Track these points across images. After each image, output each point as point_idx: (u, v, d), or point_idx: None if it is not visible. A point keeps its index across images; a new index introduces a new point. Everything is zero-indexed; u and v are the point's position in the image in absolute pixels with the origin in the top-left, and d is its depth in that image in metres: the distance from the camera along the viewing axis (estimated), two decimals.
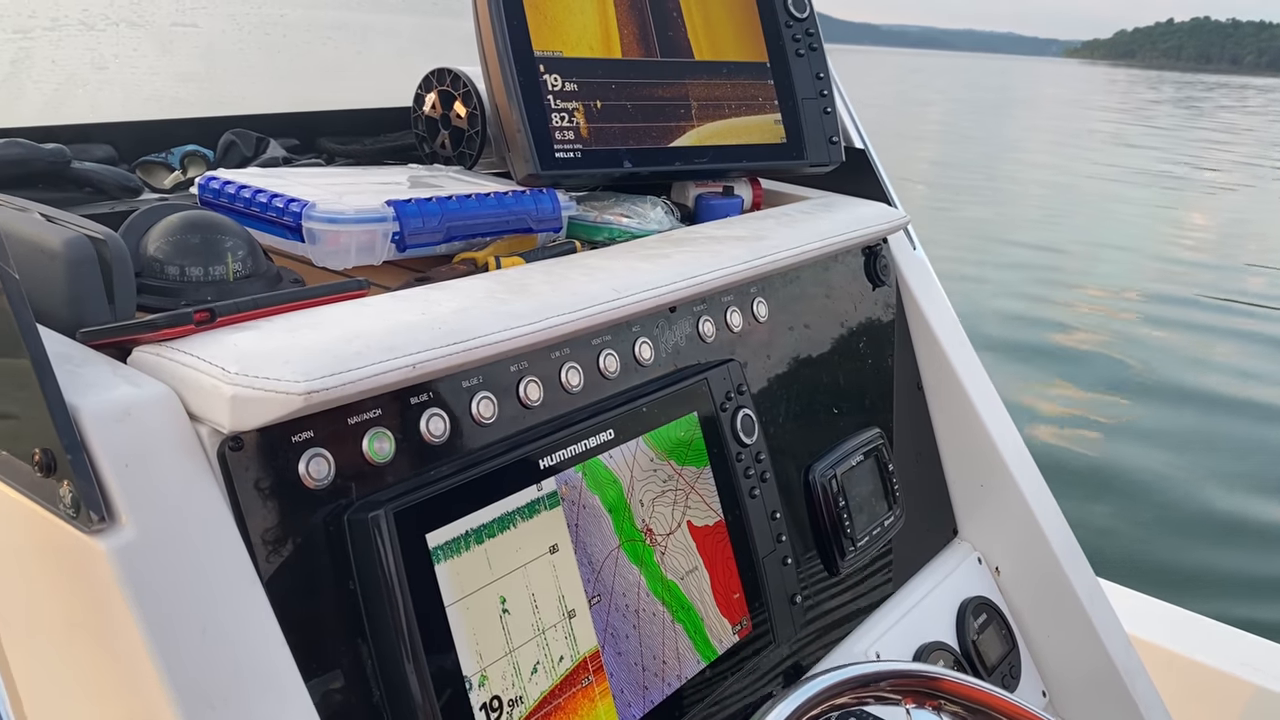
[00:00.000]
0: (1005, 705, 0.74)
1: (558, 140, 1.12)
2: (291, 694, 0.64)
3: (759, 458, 1.02)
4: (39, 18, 1.14)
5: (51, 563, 0.63)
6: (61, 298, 0.73)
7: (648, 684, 0.86)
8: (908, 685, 0.74)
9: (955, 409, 1.37)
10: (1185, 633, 1.80)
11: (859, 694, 0.72)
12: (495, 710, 0.74)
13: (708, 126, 1.23)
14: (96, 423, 0.62)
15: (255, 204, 0.97)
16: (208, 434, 0.66)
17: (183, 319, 0.69)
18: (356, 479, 0.72)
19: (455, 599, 0.73)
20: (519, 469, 0.80)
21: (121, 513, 0.61)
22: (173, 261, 0.85)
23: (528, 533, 0.79)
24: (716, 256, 1.01)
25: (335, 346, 0.69)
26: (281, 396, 0.65)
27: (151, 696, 0.59)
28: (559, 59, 1.14)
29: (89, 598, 0.61)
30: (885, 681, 0.72)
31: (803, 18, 1.34)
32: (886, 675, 0.73)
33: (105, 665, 0.61)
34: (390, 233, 0.95)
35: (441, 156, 1.28)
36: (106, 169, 1.06)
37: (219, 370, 0.65)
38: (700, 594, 0.93)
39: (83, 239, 0.73)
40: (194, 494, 0.64)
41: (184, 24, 1.25)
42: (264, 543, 0.67)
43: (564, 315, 0.83)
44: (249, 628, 0.63)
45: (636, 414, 0.90)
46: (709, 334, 1.03)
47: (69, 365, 0.66)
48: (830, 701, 0.70)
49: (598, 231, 1.14)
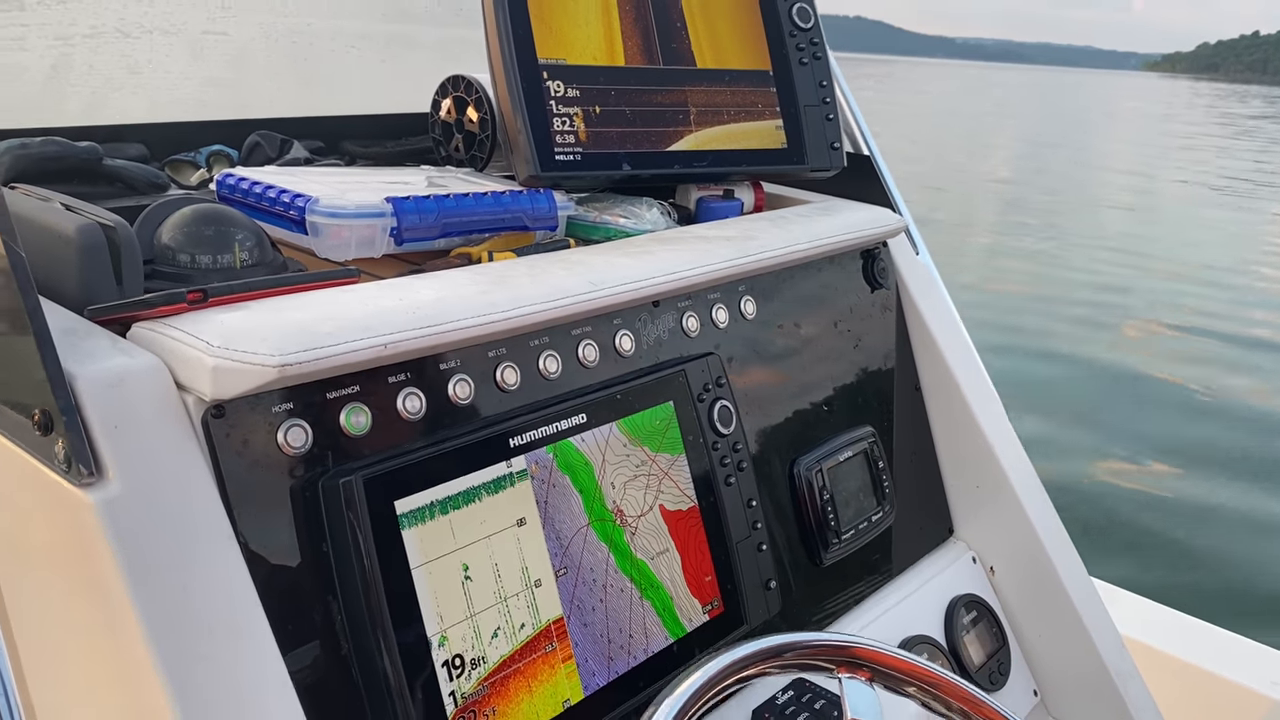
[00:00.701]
0: (921, 671, 0.78)
1: (558, 144, 1.17)
2: (261, 642, 0.70)
3: (736, 447, 1.06)
4: (79, 25, 1.23)
5: (46, 512, 0.69)
6: (73, 279, 0.80)
7: (613, 655, 0.91)
8: (823, 656, 0.77)
9: (952, 411, 1.40)
10: (1183, 637, 1.79)
11: (768, 665, 0.75)
12: (457, 669, 0.80)
13: (707, 131, 1.28)
14: (90, 388, 0.68)
15: (265, 199, 1.04)
16: (193, 402, 0.73)
17: (176, 298, 0.76)
18: (333, 449, 0.78)
19: (420, 563, 0.79)
20: (489, 446, 0.85)
21: (109, 469, 0.67)
22: (184, 250, 0.92)
23: (495, 505, 0.84)
24: (699, 254, 1.06)
25: (312, 325, 0.75)
26: (257, 369, 0.71)
27: (131, 637, 0.66)
28: (562, 66, 1.19)
29: (78, 545, 0.67)
30: (791, 653, 0.76)
31: (807, 27, 1.38)
32: (792, 646, 0.76)
33: (91, 608, 0.67)
34: (388, 227, 1.02)
35: (455, 159, 1.35)
36: (136, 166, 1.14)
37: (204, 344, 0.72)
38: (670, 574, 0.97)
39: (94, 226, 0.81)
40: (178, 455, 0.71)
41: (215, 32, 1.34)
42: (242, 503, 0.73)
43: (536, 305, 0.88)
44: (223, 580, 0.69)
45: (610, 400, 0.95)
46: (693, 329, 1.08)
47: (73, 338, 0.74)
48: (739, 674, 0.74)
49: (595, 231, 1.20)
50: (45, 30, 1.20)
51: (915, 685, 0.78)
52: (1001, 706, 0.78)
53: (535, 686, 0.84)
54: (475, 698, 0.80)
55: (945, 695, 0.78)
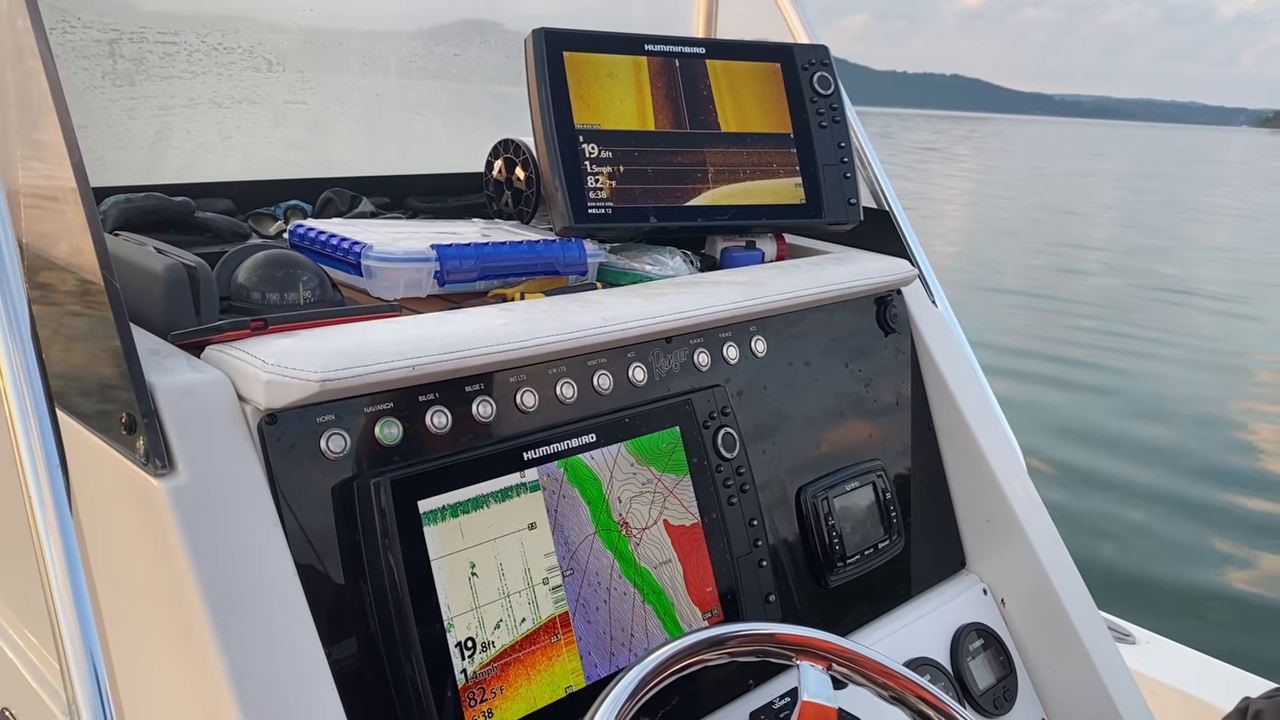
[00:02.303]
0: (861, 658, 0.88)
1: (591, 199, 1.31)
2: (298, 611, 0.83)
3: (739, 470, 1.17)
4: (179, 97, 1.42)
5: (127, 496, 0.84)
6: (159, 309, 0.95)
7: (614, 651, 1.02)
8: (767, 645, 0.88)
9: (965, 451, 1.48)
10: (1191, 672, 1.81)
11: (711, 654, 0.87)
12: (470, 650, 0.91)
13: (730, 187, 1.40)
14: (167, 396, 0.83)
15: (329, 246, 1.19)
16: (251, 411, 0.87)
17: (242, 325, 0.91)
18: (367, 455, 0.91)
19: (440, 555, 0.91)
20: (504, 457, 0.98)
21: (179, 463, 0.82)
22: (256, 288, 1.07)
23: (509, 510, 0.97)
24: (708, 296, 1.18)
25: (352, 349, 0.89)
26: (302, 383, 0.85)
27: (188, 600, 0.79)
28: (597, 131, 1.33)
29: (151, 523, 0.82)
30: (733, 641, 0.87)
31: (827, 94, 1.50)
32: (731, 636, 0.87)
33: (159, 572, 0.81)
34: (432, 270, 1.16)
35: (505, 213, 1.49)
36: (223, 218, 1.31)
37: (260, 362, 0.86)
38: (673, 582, 1.08)
39: (178, 265, 0.96)
40: (236, 454, 0.85)
41: (295, 101, 1.52)
42: (288, 496, 0.86)
43: (551, 336, 1.01)
44: (267, 557, 0.83)
45: (619, 422, 1.07)
46: (704, 364, 1.19)
47: (156, 356, 0.89)
48: (684, 662, 0.85)
49: (623, 276, 1.33)
50: (150, 102, 1.40)
51: (844, 664, 0.88)
52: (934, 688, 0.87)
53: (540, 671, 0.96)
54: (484, 676, 0.92)
55: (865, 670, 0.88)
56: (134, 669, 0.85)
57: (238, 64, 1.47)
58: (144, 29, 1.37)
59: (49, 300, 0.91)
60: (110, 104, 1.35)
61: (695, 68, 1.42)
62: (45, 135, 0.87)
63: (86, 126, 0.85)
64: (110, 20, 1.34)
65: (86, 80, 1.34)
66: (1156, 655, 1.90)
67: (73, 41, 1.31)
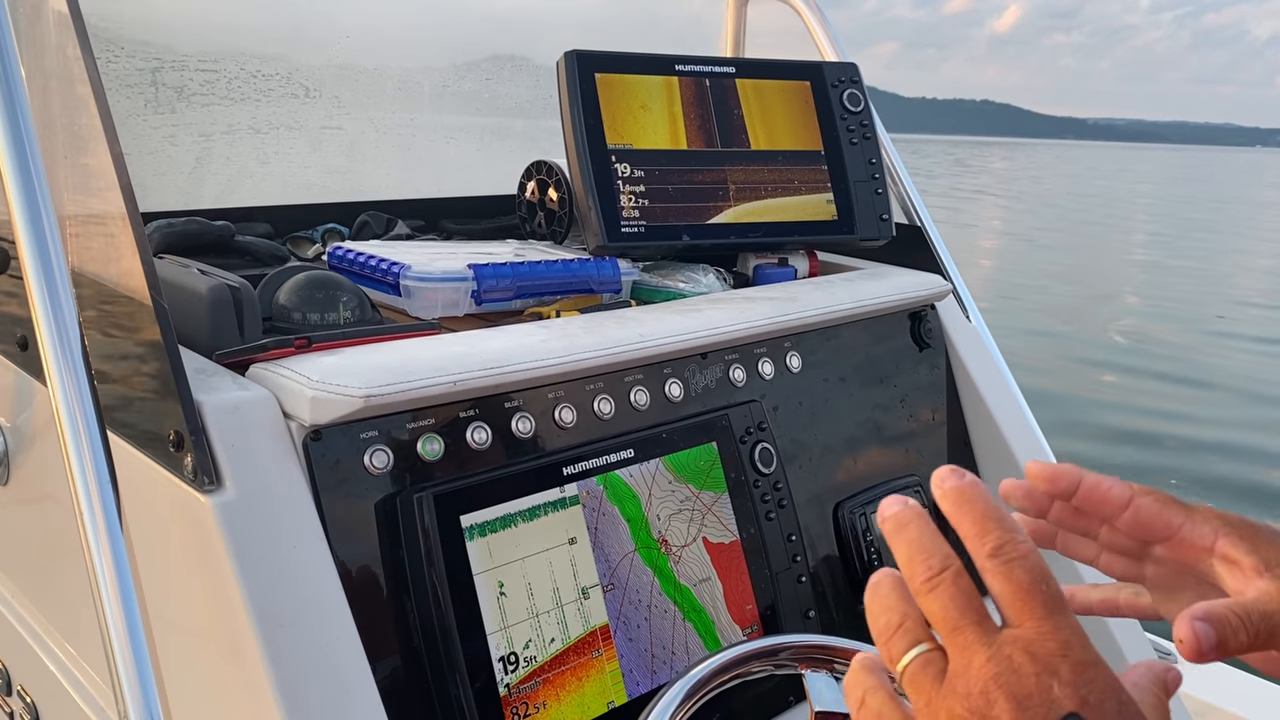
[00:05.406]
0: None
1: (624, 218, 1.32)
2: (343, 625, 0.83)
3: (776, 486, 1.17)
4: (218, 124, 1.45)
5: (175, 512, 0.85)
6: (204, 328, 0.97)
7: (655, 667, 1.02)
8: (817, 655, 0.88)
9: (1000, 465, 1.47)
10: (1241, 694, 1.78)
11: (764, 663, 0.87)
12: (512, 664, 0.92)
13: (761, 204, 1.41)
14: (214, 414, 0.84)
15: (368, 267, 1.21)
16: (296, 427, 0.88)
17: (285, 343, 0.92)
18: (410, 470, 0.92)
19: (482, 570, 0.92)
20: (544, 473, 0.98)
21: (227, 479, 0.83)
22: (298, 309, 1.09)
23: (549, 525, 0.97)
24: (742, 312, 1.18)
25: (394, 366, 0.90)
26: (347, 399, 0.86)
27: (237, 615, 0.80)
28: (629, 150, 1.35)
29: (199, 538, 0.83)
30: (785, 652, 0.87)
31: (857, 111, 1.51)
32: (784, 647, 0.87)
33: (206, 586, 0.82)
34: (470, 290, 1.17)
35: (538, 234, 1.51)
36: (262, 241, 1.33)
37: (305, 379, 0.87)
38: (713, 600, 1.08)
39: (222, 286, 0.98)
40: (282, 470, 0.86)
41: (331, 127, 1.55)
42: (332, 511, 0.87)
43: (588, 353, 1.02)
44: (314, 572, 0.84)
45: (656, 438, 1.08)
46: (739, 379, 1.20)
47: (202, 375, 0.90)
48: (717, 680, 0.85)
49: (657, 294, 1.33)
50: (191, 129, 1.43)
51: None
52: None
53: (581, 686, 0.96)
54: (527, 691, 0.92)
55: None
56: (183, 684, 0.86)
57: (276, 90, 1.50)
58: (185, 57, 1.40)
59: (97, 321, 0.93)
60: (152, 131, 1.38)
61: (725, 87, 1.43)
62: (94, 160, 0.89)
63: (129, 153, 0.86)
64: (153, 49, 1.37)
65: (129, 108, 1.37)
66: (1199, 675, 1.87)
67: (116, 70, 1.34)
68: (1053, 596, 0.49)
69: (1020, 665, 0.47)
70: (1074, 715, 0.45)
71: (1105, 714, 0.45)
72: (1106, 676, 0.47)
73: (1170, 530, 0.68)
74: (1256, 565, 0.64)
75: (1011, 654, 0.47)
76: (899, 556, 0.53)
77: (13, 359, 1.11)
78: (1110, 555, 0.72)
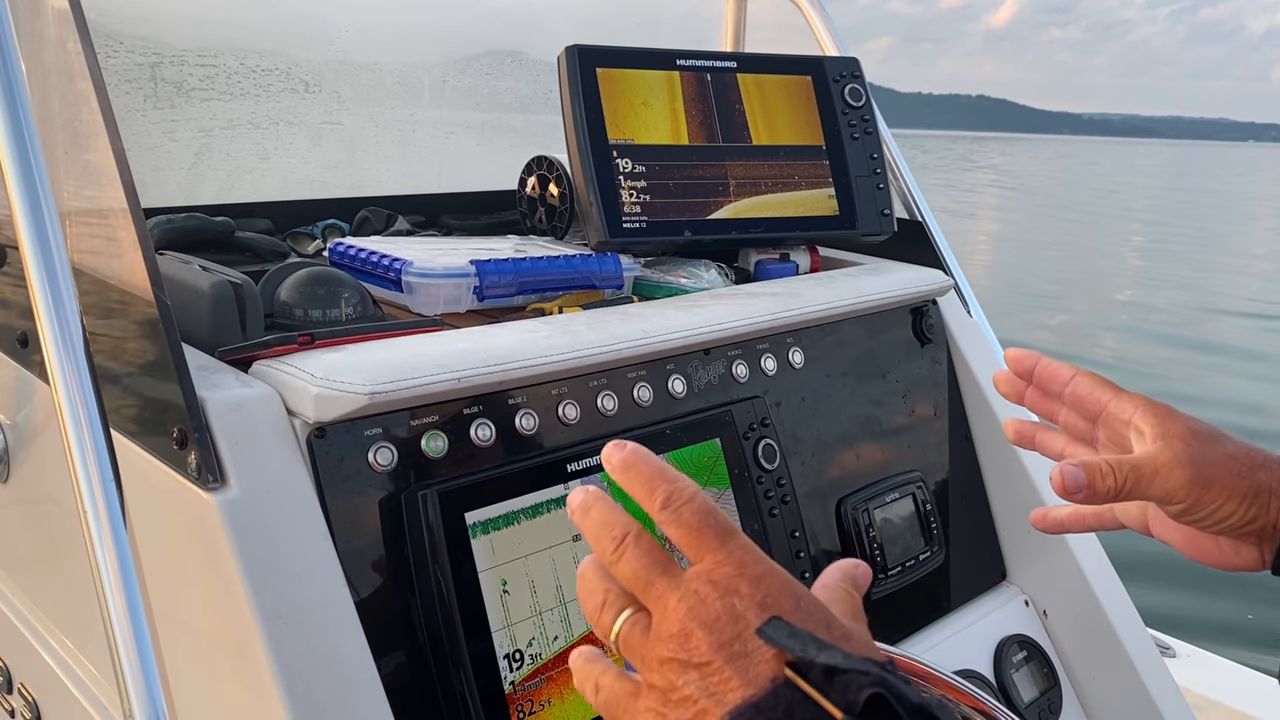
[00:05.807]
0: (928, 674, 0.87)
1: (625, 213, 1.31)
2: (348, 623, 0.83)
3: (780, 482, 1.17)
4: (218, 119, 1.44)
5: (181, 511, 0.85)
6: (206, 325, 0.96)
7: None
8: None
9: (1002, 460, 1.47)
10: (1239, 688, 1.79)
11: None
12: (517, 660, 0.91)
13: (762, 200, 1.40)
14: (218, 411, 0.84)
15: (369, 263, 1.20)
16: (300, 425, 0.87)
17: (288, 340, 0.92)
18: (414, 467, 0.92)
19: (486, 567, 0.91)
20: (547, 470, 0.98)
21: (231, 476, 0.82)
22: (299, 305, 1.08)
23: (553, 522, 0.97)
24: (745, 308, 1.18)
25: (398, 362, 0.90)
26: (351, 396, 0.85)
27: (241, 613, 0.80)
28: (630, 145, 1.34)
29: (203, 536, 0.82)
30: None
31: (858, 105, 1.50)
32: None
33: (211, 587, 0.82)
34: (472, 286, 1.17)
35: (539, 230, 1.50)
36: (263, 237, 1.33)
37: (309, 376, 0.87)
38: None
39: (224, 282, 0.97)
40: (286, 468, 0.85)
41: (331, 122, 1.54)
42: (337, 508, 0.87)
43: (592, 349, 1.01)
44: (318, 569, 0.83)
45: (660, 434, 1.07)
46: (742, 375, 1.19)
47: (205, 372, 0.89)
48: None
49: (658, 290, 1.33)
50: (190, 124, 1.42)
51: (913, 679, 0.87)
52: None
53: None
54: (532, 688, 0.92)
55: None
56: (187, 682, 0.86)
57: (275, 86, 1.49)
58: (184, 52, 1.39)
59: (98, 318, 0.92)
60: (151, 126, 1.37)
61: (726, 81, 1.43)
62: (95, 156, 0.89)
63: (129, 149, 0.86)
64: (152, 44, 1.37)
65: (128, 103, 1.36)
66: (1198, 669, 1.88)
67: (115, 65, 1.34)
68: (722, 527, 0.53)
69: (705, 595, 0.51)
70: (776, 620, 0.49)
71: (784, 611, 0.50)
72: (783, 580, 0.52)
73: (1100, 405, 0.83)
74: (1155, 435, 0.78)
75: (697, 588, 0.51)
76: (589, 540, 0.56)
77: (12, 356, 1.11)
78: (1073, 445, 0.88)
